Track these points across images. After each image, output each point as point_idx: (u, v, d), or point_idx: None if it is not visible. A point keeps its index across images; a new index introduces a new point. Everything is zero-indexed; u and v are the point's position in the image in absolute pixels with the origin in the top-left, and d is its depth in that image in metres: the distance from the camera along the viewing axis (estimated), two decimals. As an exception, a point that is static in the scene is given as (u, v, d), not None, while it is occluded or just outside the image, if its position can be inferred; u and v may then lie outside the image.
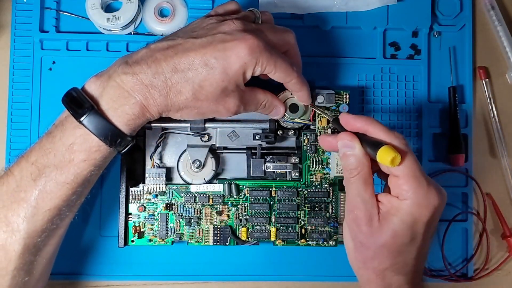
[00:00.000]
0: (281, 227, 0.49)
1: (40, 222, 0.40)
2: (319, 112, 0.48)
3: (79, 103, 0.39)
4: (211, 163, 0.49)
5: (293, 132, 0.49)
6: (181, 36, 0.41)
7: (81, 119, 0.38)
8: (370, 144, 0.39)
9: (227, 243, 0.49)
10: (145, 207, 0.49)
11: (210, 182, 0.49)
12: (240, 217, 0.49)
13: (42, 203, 0.39)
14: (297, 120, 0.48)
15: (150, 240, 0.49)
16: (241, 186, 0.49)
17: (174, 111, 0.41)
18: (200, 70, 0.39)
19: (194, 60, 0.39)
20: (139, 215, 0.49)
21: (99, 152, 0.39)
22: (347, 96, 0.49)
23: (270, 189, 0.49)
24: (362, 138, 0.40)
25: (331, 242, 0.49)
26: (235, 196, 0.49)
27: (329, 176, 0.49)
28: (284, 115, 0.47)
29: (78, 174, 0.39)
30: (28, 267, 0.41)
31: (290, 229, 0.49)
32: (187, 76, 0.39)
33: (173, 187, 0.49)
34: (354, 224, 0.40)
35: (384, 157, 0.36)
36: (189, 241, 0.49)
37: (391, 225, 0.38)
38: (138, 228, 0.49)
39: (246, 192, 0.49)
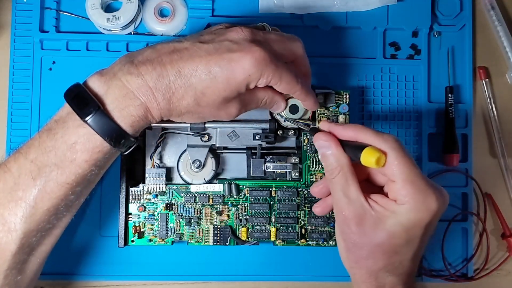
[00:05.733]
0: (281, 227, 0.49)
1: (37, 221, 0.39)
2: (299, 127, 0.48)
3: (84, 101, 0.38)
4: (211, 163, 0.49)
5: (293, 132, 0.49)
6: (188, 40, 0.40)
7: (86, 118, 0.37)
8: (353, 149, 0.38)
9: (227, 243, 0.49)
10: (145, 207, 0.49)
11: (210, 182, 0.49)
12: (240, 217, 0.49)
13: (41, 203, 0.39)
14: (296, 120, 0.47)
15: (150, 240, 0.49)
16: (241, 186, 0.49)
17: (176, 116, 0.41)
18: (204, 77, 0.39)
19: (198, 66, 0.38)
20: (139, 215, 0.49)
21: (101, 153, 0.39)
22: (347, 96, 0.50)
23: (270, 189, 0.49)
24: (345, 144, 0.39)
25: (331, 242, 0.49)
26: (235, 196, 0.49)
27: (329, 176, 0.49)
28: (285, 109, 0.47)
29: (79, 174, 0.39)
30: (21, 266, 0.41)
31: (290, 229, 0.49)
32: (190, 81, 0.39)
33: (173, 187, 0.49)
34: (345, 225, 0.39)
35: (368, 159, 0.36)
36: (189, 241, 0.49)
37: (387, 226, 0.37)
38: (138, 228, 0.49)
39: (246, 192, 0.49)
